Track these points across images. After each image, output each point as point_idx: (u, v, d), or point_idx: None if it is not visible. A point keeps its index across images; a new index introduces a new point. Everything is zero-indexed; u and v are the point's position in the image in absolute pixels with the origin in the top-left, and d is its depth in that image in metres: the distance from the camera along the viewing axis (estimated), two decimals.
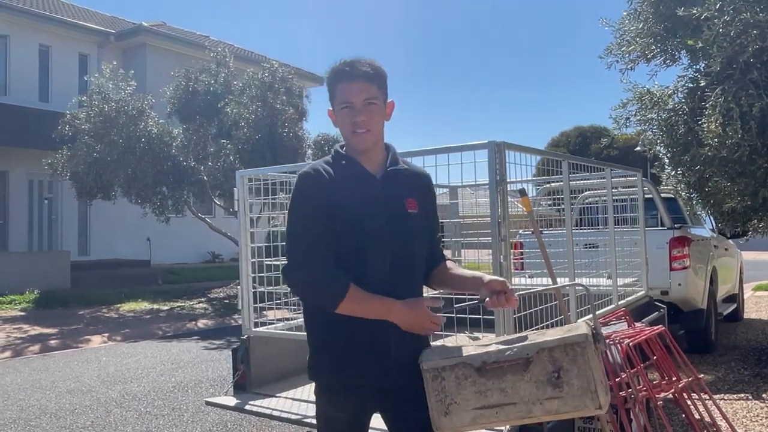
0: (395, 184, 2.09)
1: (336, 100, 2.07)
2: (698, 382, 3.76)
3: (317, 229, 1.96)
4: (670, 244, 6.66)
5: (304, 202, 2.00)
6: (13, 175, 16.63)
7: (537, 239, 3.37)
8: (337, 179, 2.02)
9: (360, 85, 2.03)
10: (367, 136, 2.04)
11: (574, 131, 38.18)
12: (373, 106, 2.04)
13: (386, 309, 1.96)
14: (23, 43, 17.05)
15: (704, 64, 5.21)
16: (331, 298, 1.93)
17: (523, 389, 1.84)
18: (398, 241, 2.03)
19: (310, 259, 1.95)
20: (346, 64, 2.06)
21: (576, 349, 1.83)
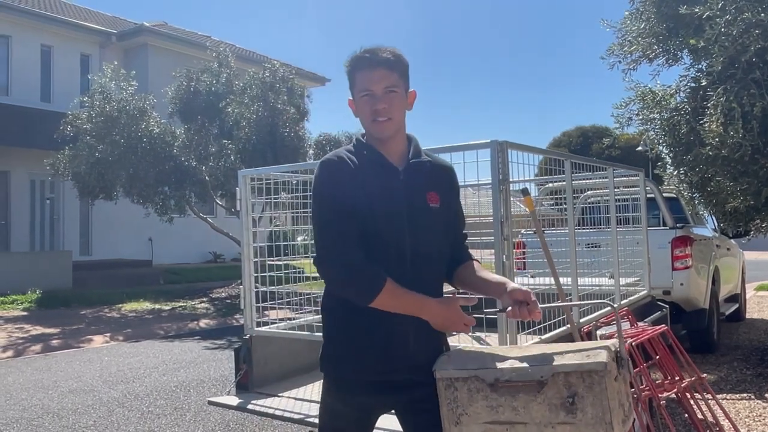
0: (417, 177, 2.02)
1: (356, 88, 2.02)
2: (701, 382, 3.76)
3: (347, 217, 1.90)
4: (672, 243, 6.65)
5: (331, 190, 1.94)
6: (15, 175, 16.66)
7: (539, 238, 3.37)
8: (359, 168, 1.96)
9: (381, 72, 1.98)
10: (388, 125, 1.99)
11: (576, 131, 38.14)
12: (393, 94, 1.99)
13: (420, 306, 1.92)
14: (25, 44, 17.08)
15: (706, 64, 5.20)
16: (368, 291, 1.87)
17: (535, 410, 1.79)
18: (419, 235, 1.98)
19: (345, 250, 1.89)
20: (366, 51, 2.00)
21: (593, 377, 1.74)
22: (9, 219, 16.56)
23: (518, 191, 3.56)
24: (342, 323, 1.99)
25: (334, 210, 1.92)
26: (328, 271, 1.94)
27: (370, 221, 1.92)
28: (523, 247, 6.82)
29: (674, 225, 6.85)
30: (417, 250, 1.98)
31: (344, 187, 1.92)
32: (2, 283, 13.34)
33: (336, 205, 1.92)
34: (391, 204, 1.96)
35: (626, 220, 5.34)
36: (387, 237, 1.94)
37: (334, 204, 1.92)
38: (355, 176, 1.94)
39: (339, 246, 1.90)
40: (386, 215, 1.94)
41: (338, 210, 1.91)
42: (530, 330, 3.29)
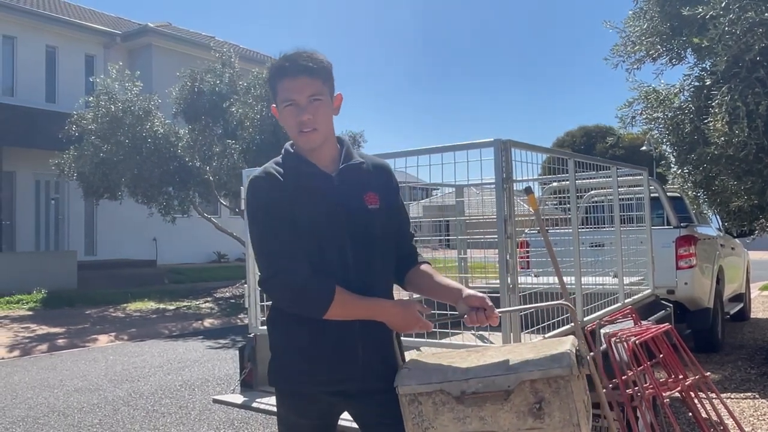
0: (352, 180, 1.97)
1: (279, 98, 1.94)
2: (705, 381, 3.76)
3: (285, 233, 1.85)
4: (676, 243, 6.64)
5: (264, 207, 1.89)
6: (20, 175, 16.71)
7: (543, 237, 3.37)
8: (289, 181, 1.91)
9: (303, 81, 1.90)
10: (314, 136, 1.92)
11: (579, 131, 38.08)
12: (318, 102, 1.92)
13: (375, 310, 1.89)
14: (30, 44, 17.14)
15: (710, 63, 5.20)
16: (319, 304, 1.83)
17: (503, 418, 1.77)
18: (360, 239, 1.93)
19: (288, 266, 1.84)
20: (286, 59, 1.93)
21: (559, 382, 1.73)
22: (14, 219, 16.61)
23: (521, 191, 3.57)
24: (289, 336, 1.93)
25: (270, 227, 1.87)
26: (275, 290, 1.89)
27: (307, 232, 1.88)
28: (527, 246, 6.83)
29: (678, 224, 6.84)
30: (360, 255, 1.93)
31: (276, 205, 1.87)
32: (8, 283, 13.40)
33: (271, 222, 1.87)
34: (327, 211, 1.91)
35: (630, 220, 5.34)
36: (327, 245, 1.89)
37: (269, 221, 1.87)
38: (285, 189, 1.89)
39: (282, 263, 1.85)
40: (323, 224, 1.89)
41: (274, 226, 1.87)
42: (534, 329, 3.29)
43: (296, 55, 1.93)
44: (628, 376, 3.34)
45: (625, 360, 3.39)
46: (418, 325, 1.91)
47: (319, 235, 1.88)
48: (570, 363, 1.73)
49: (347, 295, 1.84)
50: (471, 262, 5.57)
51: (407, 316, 1.90)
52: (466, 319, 1.91)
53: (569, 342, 1.84)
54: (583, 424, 1.75)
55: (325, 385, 1.91)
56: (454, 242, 5.49)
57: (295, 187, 1.90)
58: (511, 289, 2.97)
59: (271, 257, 1.87)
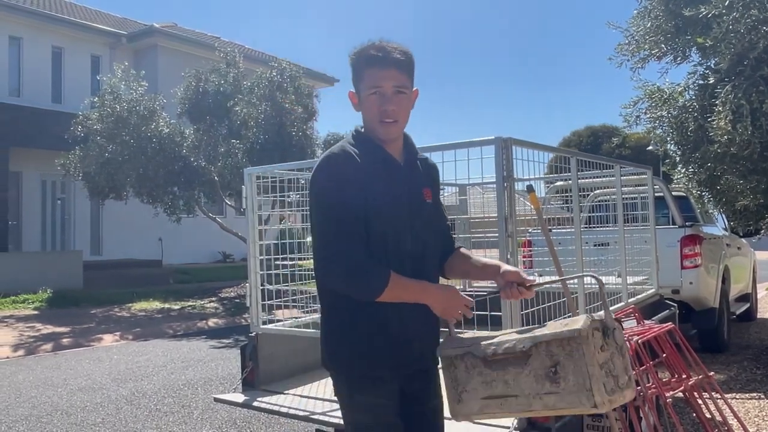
0: (415, 173, 2.08)
1: (364, 84, 1.99)
2: (709, 381, 3.73)
3: (351, 214, 1.89)
4: (681, 242, 6.61)
5: (337, 186, 1.91)
6: (27, 175, 16.78)
7: (545, 236, 3.35)
8: (365, 162, 1.95)
9: (392, 72, 1.97)
10: (394, 127, 2.00)
11: (586, 131, 38.00)
12: (402, 95, 1.99)
13: (423, 291, 1.94)
14: (36, 45, 17.21)
15: (714, 62, 5.18)
16: (374, 287, 1.87)
17: (524, 382, 1.86)
18: (418, 229, 2.02)
19: (349, 248, 1.87)
20: (377, 49, 1.98)
21: (572, 344, 1.80)
22: (21, 219, 16.68)
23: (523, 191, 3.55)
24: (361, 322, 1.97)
25: (337, 208, 1.89)
26: (332, 271, 1.91)
27: (374, 217, 1.92)
28: (530, 245, 6.81)
29: (683, 223, 6.81)
30: (417, 244, 2.02)
31: (351, 185, 1.90)
32: (14, 282, 13.44)
33: (339, 203, 1.89)
34: (396, 199, 1.98)
35: (634, 219, 5.31)
36: (390, 232, 1.96)
37: (337, 201, 1.89)
38: (360, 172, 1.92)
39: (343, 245, 1.88)
40: (391, 211, 1.96)
41: (341, 208, 1.89)
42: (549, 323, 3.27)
43: (387, 46, 1.99)
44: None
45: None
46: (459, 306, 1.96)
47: (384, 220, 1.94)
48: (580, 326, 1.80)
49: (400, 278, 1.90)
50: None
51: (450, 298, 1.95)
52: (503, 294, 2.02)
53: (596, 315, 1.91)
54: (596, 389, 1.77)
55: (395, 366, 1.99)
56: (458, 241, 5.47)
57: (371, 169, 1.95)
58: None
59: (333, 237, 1.90)
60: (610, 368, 1.84)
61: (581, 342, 1.79)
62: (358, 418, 2.01)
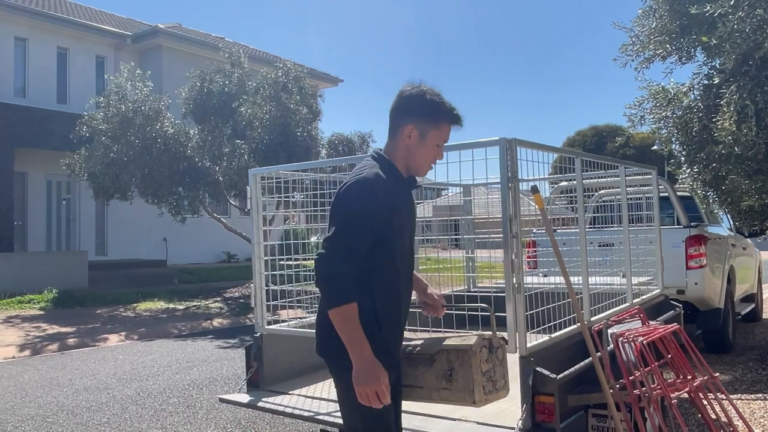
0: (413, 201, 2.46)
1: (437, 132, 2.31)
2: (714, 381, 3.72)
3: (367, 235, 2.14)
4: (686, 242, 6.59)
5: (371, 205, 2.14)
6: (32, 176, 16.84)
7: (549, 237, 3.35)
8: (393, 190, 2.24)
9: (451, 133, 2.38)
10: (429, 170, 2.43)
11: (590, 130, 37.92)
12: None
13: (359, 347, 2.07)
14: (41, 46, 17.26)
15: (719, 61, 5.16)
16: (335, 299, 2.07)
17: (428, 378, 2.45)
18: (412, 250, 2.42)
19: (346, 257, 2.09)
20: (457, 111, 2.34)
21: (464, 356, 2.40)
22: (26, 219, 16.74)
23: (527, 191, 3.55)
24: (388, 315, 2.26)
25: (362, 222, 2.13)
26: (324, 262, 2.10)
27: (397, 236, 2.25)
28: (535, 246, 6.80)
29: (688, 224, 6.79)
30: (413, 263, 2.43)
31: (381, 208, 2.16)
32: (19, 282, 13.49)
33: (365, 219, 2.13)
34: (408, 224, 2.35)
35: (639, 219, 5.30)
36: (403, 252, 2.30)
37: (365, 217, 2.13)
38: (390, 198, 2.20)
39: (344, 252, 2.10)
40: (404, 234, 2.31)
41: (364, 224, 2.13)
42: (539, 329, 3.28)
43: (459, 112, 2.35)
44: (635, 376, 3.32)
45: (633, 360, 3.37)
46: (373, 389, 2.06)
47: (401, 240, 2.28)
48: (472, 344, 2.41)
49: (352, 315, 2.08)
50: (478, 263, 5.56)
51: (371, 376, 2.05)
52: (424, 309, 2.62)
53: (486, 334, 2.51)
54: (477, 391, 2.41)
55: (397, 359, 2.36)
56: (462, 242, 5.47)
57: (396, 194, 2.26)
58: (517, 288, 2.96)
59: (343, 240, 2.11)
60: (491, 375, 2.45)
61: (471, 355, 2.39)
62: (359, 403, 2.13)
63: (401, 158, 2.31)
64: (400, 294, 2.32)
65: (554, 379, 2.89)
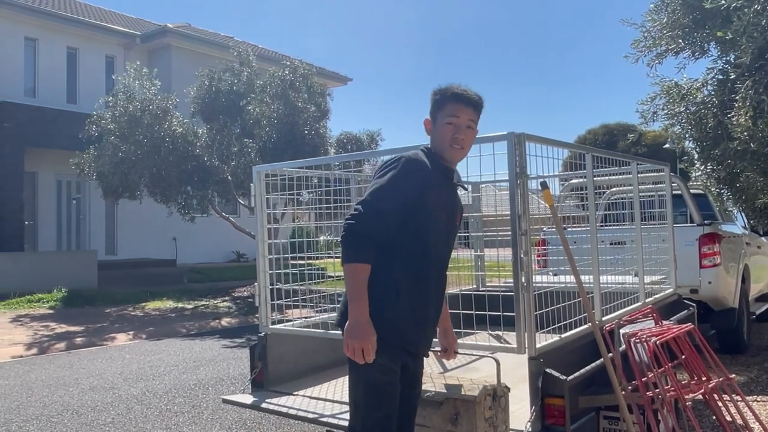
0: (456, 197, 2.53)
1: (443, 112, 2.42)
2: (729, 383, 3.63)
3: (397, 202, 2.25)
4: (699, 241, 6.47)
5: (405, 181, 2.27)
6: (42, 175, 16.89)
7: (559, 234, 3.27)
8: (432, 175, 2.34)
9: (468, 110, 2.43)
10: (460, 153, 2.46)
11: (601, 128, 37.65)
12: (470, 130, 2.45)
13: (359, 303, 2.19)
14: (51, 46, 17.31)
15: (734, 56, 5.05)
16: (348, 255, 2.21)
17: (435, 420, 2.73)
18: (447, 245, 2.47)
19: (375, 220, 2.23)
20: (461, 89, 2.44)
21: (468, 404, 2.66)
22: (37, 219, 16.79)
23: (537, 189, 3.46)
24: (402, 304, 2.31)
25: (394, 195, 2.25)
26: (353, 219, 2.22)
27: (426, 223, 2.32)
28: (545, 244, 6.71)
29: (702, 222, 6.67)
30: (445, 257, 2.48)
31: (417, 186, 2.28)
32: (30, 281, 13.52)
33: (396, 195, 2.26)
34: (443, 208, 2.40)
35: (652, 217, 5.20)
36: (431, 240, 2.35)
37: (397, 193, 2.26)
38: (426, 176, 2.32)
39: (373, 215, 2.23)
40: (438, 222, 2.37)
41: (395, 198, 2.25)
42: (549, 329, 3.20)
43: (468, 89, 2.46)
44: (648, 377, 3.23)
45: (646, 361, 3.28)
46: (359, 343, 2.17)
47: (433, 226, 2.35)
48: (476, 395, 2.65)
49: (364, 275, 2.21)
50: (488, 261, 5.47)
51: (362, 332, 2.18)
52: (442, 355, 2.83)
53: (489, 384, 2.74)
54: None
55: (413, 345, 2.40)
56: (471, 240, 5.39)
57: (435, 180, 2.36)
58: (525, 288, 2.88)
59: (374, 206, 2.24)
60: (493, 421, 2.69)
61: (475, 405, 2.64)
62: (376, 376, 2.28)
63: (437, 150, 2.45)
64: (428, 281, 2.36)
65: (564, 381, 2.81)
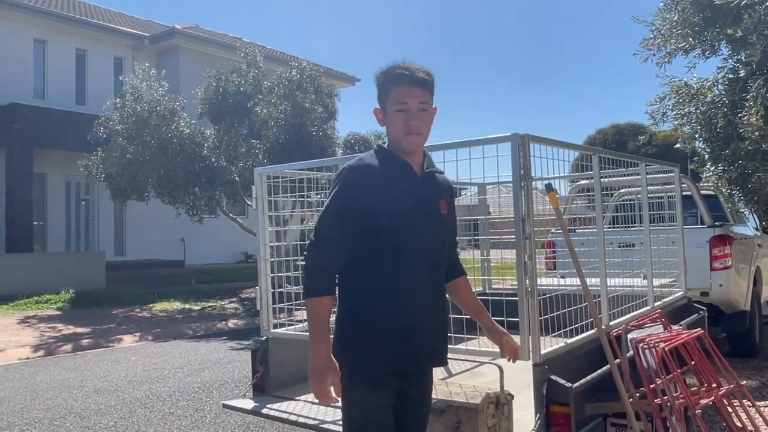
0: (432, 185, 2.25)
1: (390, 101, 2.18)
2: (740, 389, 3.54)
3: (346, 224, 2.08)
4: (710, 243, 6.37)
5: (345, 196, 2.10)
6: (51, 177, 16.95)
7: (564, 237, 3.20)
8: (383, 175, 2.13)
9: (417, 91, 2.16)
10: (418, 139, 2.19)
11: (611, 129, 37.41)
12: (425, 112, 2.18)
13: (316, 344, 2.05)
14: (60, 48, 17.36)
15: (745, 54, 4.97)
16: (306, 290, 2.10)
17: (436, 428, 2.68)
18: (434, 239, 2.20)
19: (323, 249, 2.09)
20: (404, 69, 2.18)
21: (470, 412, 2.64)
22: (46, 220, 16.86)
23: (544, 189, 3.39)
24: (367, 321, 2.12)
25: (339, 215, 2.09)
26: (307, 255, 2.11)
27: (392, 225, 2.09)
28: (554, 246, 6.63)
29: (713, 223, 6.57)
30: (432, 253, 2.19)
31: (358, 198, 2.08)
32: (39, 283, 13.54)
33: (342, 212, 2.09)
34: (413, 208, 2.15)
35: (662, 218, 5.12)
36: (408, 240, 2.11)
37: (342, 210, 2.09)
38: (374, 183, 2.10)
39: (323, 245, 2.10)
40: (408, 219, 2.12)
41: (341, 217, 2.09)
42: (555, 333, 3.13)
43: (412, 66, 2.19)
44: (656, 384, 3.15)
45: (654, 367, 3.20)
46: (317, 386, 2.04)
47: (402, 229, 2.11)
48: (479, 402, 2.63)
49: (318, 310, 2.07)
50: (496, 263, 5.41)
51: (318, 374, 2.03)
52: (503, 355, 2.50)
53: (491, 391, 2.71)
54: None
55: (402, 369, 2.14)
56: (478, 242, 5.32)
57: (387, 182, 2.12)
58: (530, 292, 2.81)
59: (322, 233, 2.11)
60: (496, 429, 2.67)
61: (477, 413, 2.62)
62: (352, 413, 2.14)
63: (392, 142, 2.23)
64: (410, 286, 2.12)
65: (570, 388, 2.75)
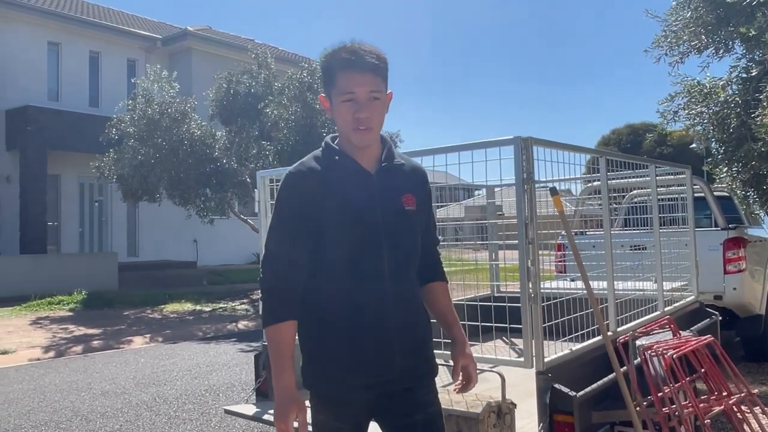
0: (391, 180, 1.95)
1: (336, 90, 1.89)
2: (751, 398, 3.45)
3: (290, 238, 1.87)
4: (724, 245, 6.25)
5: (289, 205, 1.89)
6: (65, 178, 17.08)
7: (569, 240, 3.14)
8: (328, 177, 1.88)
9: (367, 77, 1.87)
10: (368, 134, 1.90)
11: (626, 128, 37.17)
12: (377, 101, 1.89)
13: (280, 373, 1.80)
14: (74, 50, 17.50)
15: (759, 53, 4.87)
16: (263, 319, 1.87)
17: None
18: (396, 238, 1.91)
19: (273, 269, 1.88)
20: (350, 52, 1.87)
21: (471, 422, 2.61)
22: (60, 221, 16.98)
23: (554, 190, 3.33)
24: (327, 341, 1.90)
25: (287, 229, 1.88)
26: (261, 279, 1.92)
27: (343, 229, 1.86)
28: (563, 249, 6.54)
29: (726, 225, 6.44)
30: (396, 254, 1.91)
31: (304, 205, 1.86)
32: (52, 284, 13.64)
33: (290, 225, 1.88)
34: (364, 209, 1.89)
35: (674, 221, 5.02)
36: (363, 243, 1.87)
37: (289, 222, 1.88)
38: (320, 187, 1.87)
39: (269, 265, 1.89)
40: (359, 220, 1.87)
41: (290, 231, 1.87)
42: (564, 339, 3.07)
43: (360, 49, 1.88)
44: (664, 393, 3.07)
45: (662, 375, 3.12)
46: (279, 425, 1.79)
47: (355, 233, 1.87)
48: (479, 411, 2.59)
49: (277, 339, 1.82)
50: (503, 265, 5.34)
51: (280, 409, 1.78)
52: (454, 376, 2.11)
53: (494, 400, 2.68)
54: None
55: (364, 389, 1.90)
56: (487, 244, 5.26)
57: (334, 182, 1.88)
58: (533, 298, 2.75)
59: (275, 252, 1.89)
60: None
61: (478, 422, 2.59)
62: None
63: (341, 135, 1.97)
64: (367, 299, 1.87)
65: (574, 397, 2.68)
